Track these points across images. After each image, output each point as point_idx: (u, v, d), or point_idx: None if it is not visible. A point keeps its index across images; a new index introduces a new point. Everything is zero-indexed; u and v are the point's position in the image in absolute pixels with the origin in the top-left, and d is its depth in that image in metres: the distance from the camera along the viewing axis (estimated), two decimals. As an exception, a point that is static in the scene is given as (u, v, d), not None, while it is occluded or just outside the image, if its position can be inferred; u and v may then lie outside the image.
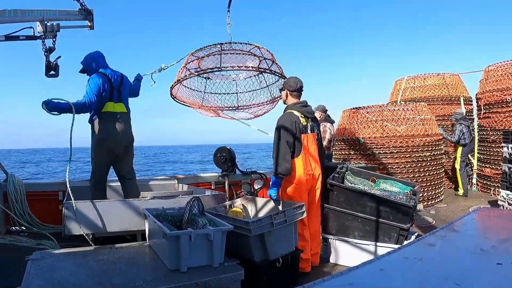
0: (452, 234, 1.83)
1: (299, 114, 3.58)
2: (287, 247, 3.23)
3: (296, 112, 3.59)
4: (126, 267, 2.56)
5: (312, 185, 3.69)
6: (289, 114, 3.58)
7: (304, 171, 3.53)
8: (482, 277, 1.32)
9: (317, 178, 3.72)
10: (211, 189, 5.82)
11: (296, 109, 3.61)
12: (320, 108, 5.25)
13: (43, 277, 2.33)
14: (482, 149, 8.05)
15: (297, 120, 3.52)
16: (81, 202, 3.50)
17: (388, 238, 3.71)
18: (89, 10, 4.38)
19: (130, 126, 4.28)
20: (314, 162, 3.65)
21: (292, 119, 3.52)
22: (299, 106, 3.64)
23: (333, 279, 1.24)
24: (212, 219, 2.88)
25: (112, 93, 4.10)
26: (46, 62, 4.19)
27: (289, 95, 3.73)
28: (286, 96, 3.75)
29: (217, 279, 2.44)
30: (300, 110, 3.61)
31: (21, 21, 3.93)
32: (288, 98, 3.75)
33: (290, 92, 3.71)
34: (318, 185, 3.75)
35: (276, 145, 3.54)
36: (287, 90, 3.72)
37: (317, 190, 3.77)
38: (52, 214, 4.70)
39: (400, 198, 3.81)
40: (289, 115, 3.57)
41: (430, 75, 9.21)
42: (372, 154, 6.69)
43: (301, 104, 3.66)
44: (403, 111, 6.92)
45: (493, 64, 7.89)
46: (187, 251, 2.48)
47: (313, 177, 3.65)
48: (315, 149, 3.67)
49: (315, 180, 3.69)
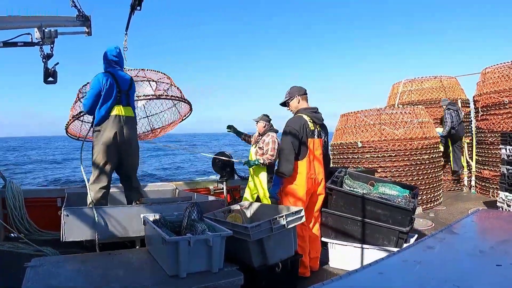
0: (451, 236, 1.83)
1: (308, 119, 3.65)
2: (286, 252, 3.23)
3: (305, 116, 3.66)
4: (125, 273, 2.56)
5: (315, 189, 3.73)
6: (298, 117, 3.66)
7: (307, 174, 3.59)
8: (481, 279, 1.32)
9: (320, 182, 3.75)
10: (210, 194, 5.81)
11: (306, 114, 3.68)
12: (264, 118, 5.34)
13: (42, 284, 2.32)
14: (480, 151, 8.06)
15: (305, 123, 3.60)
16: (79, 208, 3.49)
17: (388, 242, 3.70)
18: (87, 16, 4.38)
19: (136, 131, 4.16)
20: (318, 167, 3.71)
21: (300, 122, 3.59)
22: (309, 111, 3.72)
23: (332, 282, 1.24)
24: (211, 225, 2.88)
25: (120, 96, 3.94)
26: (44, 69, 4.19)
27: (300, 99, 3.79)
28: (298, 102, 3.80)
29: (217, 285, 2.43)
30: (310, 115, 3.69)
31: (19, 27, 3.93)
32: (300, 103, 3.80)
33: (301, 96, 3.79)
34: (320, 190, 3.78)
35: (282, 145, 3.62)
36: (297, 95, 3.79)
37: (320, 196, 3.80)
38: (51, 221, 4.69)
39: (399, 201, 3.81)
40: (298, 118, 3.65)
41: (428, 78, 9.23)
42: (371, 158, 6.70)
43: (312, 110, 3.75)
44: (401, 114, 6.94)
45: (490, 66, 7.92)
46: (186, 257, 2.48)
47: (315, 181, 3.70)
48: (320, 153, 3.73)
49: (317, 184, 3.73)
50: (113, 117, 3.88)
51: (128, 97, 4.03)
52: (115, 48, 4.17)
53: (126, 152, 3.99)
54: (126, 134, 3.93)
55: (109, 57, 4.10)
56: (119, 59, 4.17)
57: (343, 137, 7.24)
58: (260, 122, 5.25)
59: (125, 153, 3.99)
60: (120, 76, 4.04)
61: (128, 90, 4.04)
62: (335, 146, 7.35)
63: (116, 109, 3.90)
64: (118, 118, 3.89)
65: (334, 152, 7.44)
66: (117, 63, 4.14)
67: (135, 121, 4.15)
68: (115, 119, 3.88)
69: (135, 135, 4.10)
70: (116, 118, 3.88)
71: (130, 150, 4.03)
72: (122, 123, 3.90)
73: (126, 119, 3.94)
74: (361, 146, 6.75)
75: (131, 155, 4.07)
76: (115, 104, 3.90)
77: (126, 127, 3.92)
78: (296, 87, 3.84)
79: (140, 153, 4.31)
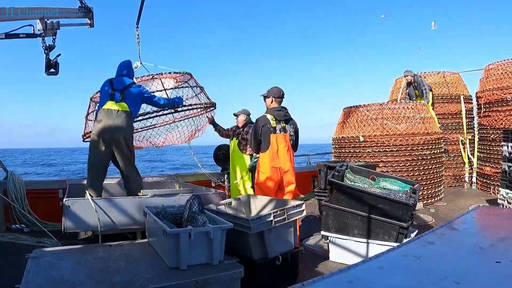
0: (452, 232, 1.83)
1: (271, 117, 4.17)
2: (286, 245, 3.24)
3: (268, 115, 4.20)
4: (126, 265, 2.57)
5: (282, 177, 4.16)
6: (262, 116, 4.24)
7: (270, 164, 4.09)
8: (481, 275, 1.32)
9: (287, 172, 4.16)
10: (211, 187, 5.83)
11: (270, 113, 4.23)
12: (245, 112, 5.61)
13: (43, 275, 2.33)
14: (482, 148, 8.04)
15: (266, 121, 4.16)
16: (81, 200, 3.50)
17: (388, 236, 3.71)
18: (89, 8, 4.37)
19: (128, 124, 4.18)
20: (283, 158, 4.14)
21: (261, 120, 4.19)
22: (273, 110, 4.26)
23: (332, 276, 1.24)
24: (212, 217, 2.89)
25: (113, 94, 4.13)
26: (46, 60, 4.19)
27: (273, 100, 4.31)
28: (271, 101, 4.32)
29: (217, 277, 2.44)
30: (273, 114, 4.21)
31: (21, 19, 3.93)
32: (272, 103, 4.32)
33: (274, 98, 4.31)
34: (289, 179, 4.19)
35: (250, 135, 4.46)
36: (272, 96, 4.31)
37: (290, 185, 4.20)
38: (52, 212, 4.72)
39: (400, 196, 3.81)
40: (262, 117, 4.23)
41: (431, 74, 9.20)
42: (372, 152, 6.69)
43: (276, 109, 4.28)
44: (403, 109, 6.92)
45: (494, 63, 7.88)
46: (186, 249, 2.49)
47: (280, 170, 4.14)
48: (285, 146, 4.17)
49: (283, 172, 4.16)
50: (105, 111, 4.09)
51: (122, 96, 4.17)
52: (124, 62, 4.53)
53: (116, 143, 4.09)
54: (115, 125, 4.06)
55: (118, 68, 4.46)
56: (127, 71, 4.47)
57: (344, 131, 7.23)
58: (241, 116, 5.71)
59: (116, 144, 4.10)
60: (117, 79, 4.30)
61: (123, 90, 4.19)
62: (337, 140, 7.35)
63: (108, 104, 4.11)
64: (110, 112, 4.08)
65: (335, 146, 7.43)
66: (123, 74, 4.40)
67: (128, 115, 4.18)
68: (107, 112, 4.08)
69: (125, 127, 4.15)
70: (108, 112, 4.08)
71: (121, 141, 4.11)
72: (113, 115, 4.07)
73: (118, 113, 4.10)
74: (363, 140, 6.75)
75: (121, 146, 4.14)
76: (108, 100, 4.12)
77: (116, 119, 4.07)
78: (276, 89, 4.33)
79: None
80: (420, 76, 8.58)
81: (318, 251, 4.33)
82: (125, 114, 4.13)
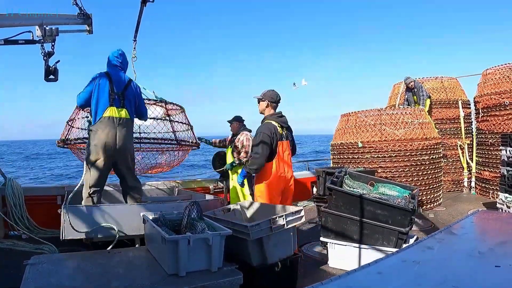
0: (451, 237, 1.83)
1: (277, 124, 4.02)
2: (286, 251, 3.23)
3: (274, 122, 4.03)
4: (124, 272, 2.56)
5: (286, 186, 4.11)
6: (268, 123, 4.02)
7: (277, 173, 3.98)
8: (480, 280, 1.32)
9: (290, 179, 4.13)
10: (209, 193, 5.82)
11: (274, 120, 4.06)
12: (237, 118, 5.59)
13: (41, 282, 2.32)
14: (480, 152, 8.06)
15: (275, 128, 3.98)
16: (79, 206, 3.49)
17: (387, 242, 3.70)
18: (88, 15, 4.38)
19: (130, 133, 4.09)
20: (287, 166, 4.09)
21: (271, 128, 3.97)
22: (276, 116, 4.10)
23: (331, 282, 1.24)
24: (210, 224, 2.88)
25: (113, 97, 3.90)
26: (45, 66, 4.19)
27: (269, 105, 4.14)
28: (266, 106, 4.15)
29: (216, 284, 2.44)
30: (277, 120, 4.07)
31: (20, 25, 3.93)
32: (266, 109, 4.15)
33: (270, 103, 4.14)
34: (291, 185, 4.17)
35: (255, 147, 3.95)
36: (268, 101, 4.13)
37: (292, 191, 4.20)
38: (51, 219, 4.69)
39: (399, 201, 3.81)
40: (268, 124, 4.01)
41: (428, 79, 9.24)
42: (371, 158, 6.69)
43: (278, 115, 4.13)
44: (402, 115, 6.93)
45: (491, 68, 7.92)
46: (185, 256, 2.48)
47: (285, 178, 4.07)
48: (288, 154, 4.13)
49: (287, 180, 4.11)
50: (106, 119, 3.84)
51: (123, 99, 3.96)
52: (117, 50, 4.22)
53: (119, 154, 3.93)
54: (120, 136, 3.87)
55: (111, 57, 4.14)
56: (122, 61, 4.19)
57: (343, 137, 7.24)
58: (234, 123, 5.65)
59: (118, 155, 3.93)
60: (116, 77, 4.02)
61: (124, 92, 3.99)
62: (335, 146, 7.35)
63: (110, 111, 3.86)
64: (112, 120, 3.85)
65: (334, 152, 7.43)
66: (119, 65, 4.15)
67: (130, 123, 4.06)
68: (108, 120, 3.84)
69: (129, 137, 4.02)
70: (110, 120, 3.84)
71: (124, 151, 3.96)
72: (116, 124, 3.86)
73: (120, 121, 3.89)
74: (362, 146, 6.75)
75: (125, 157, 4.00)
76: (109, 105, 3.87)
77: (119, 129, 3.87)
78: (272, 93, 4.15)
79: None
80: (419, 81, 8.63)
81: (317, 257, 4.32)
82: (128, 122, 3.99)
